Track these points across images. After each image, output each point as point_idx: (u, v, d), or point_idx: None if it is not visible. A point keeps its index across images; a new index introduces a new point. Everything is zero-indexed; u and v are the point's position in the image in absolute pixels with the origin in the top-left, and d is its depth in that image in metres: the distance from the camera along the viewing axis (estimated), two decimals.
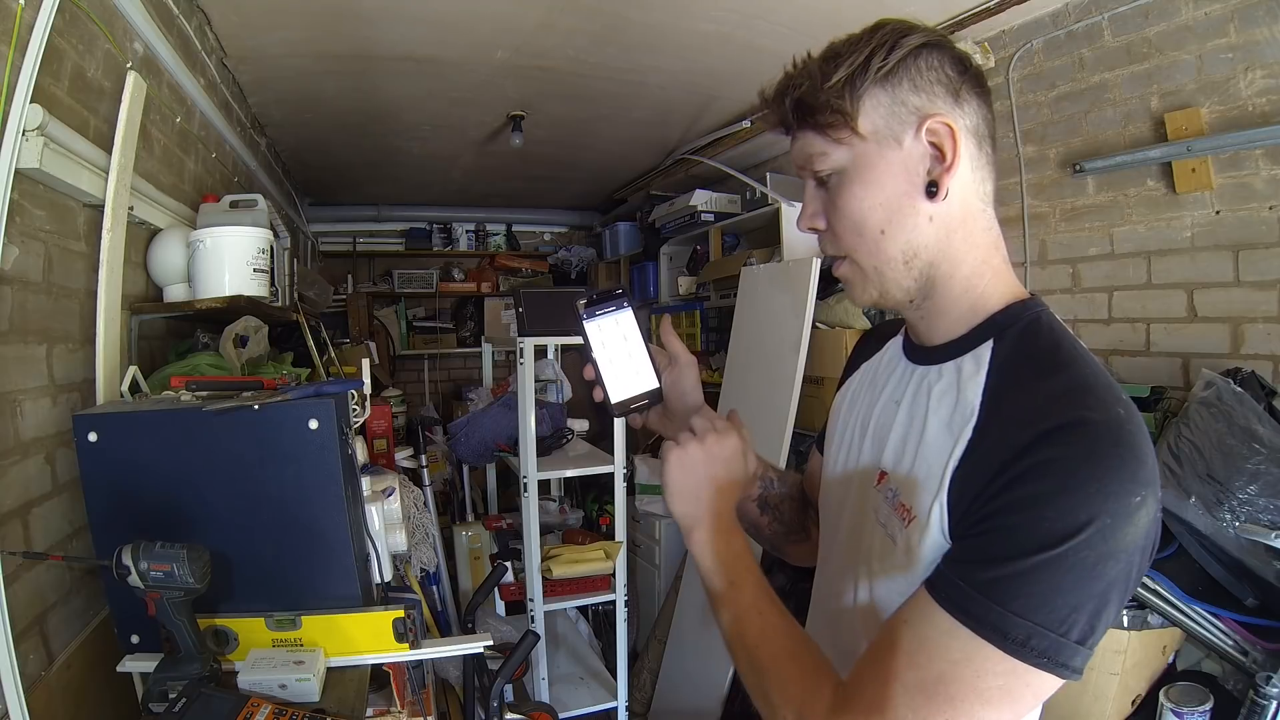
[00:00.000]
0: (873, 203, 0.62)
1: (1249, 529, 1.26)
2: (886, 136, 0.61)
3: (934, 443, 0.61)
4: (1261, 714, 1.20)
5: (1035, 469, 0.51)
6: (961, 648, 0.52)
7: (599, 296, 0.73)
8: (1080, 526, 0.49)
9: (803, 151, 0.66)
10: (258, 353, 1.49)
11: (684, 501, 0.69)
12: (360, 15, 2.01)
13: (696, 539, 0.69)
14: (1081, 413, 0.52)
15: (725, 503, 0.69)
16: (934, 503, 0.59)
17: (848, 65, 0.61)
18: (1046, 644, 0.50)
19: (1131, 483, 0.50)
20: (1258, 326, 1.60)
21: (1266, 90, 1.56)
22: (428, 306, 4.94)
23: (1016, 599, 0.50)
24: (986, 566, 0.52)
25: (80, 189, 1.11)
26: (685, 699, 2.56)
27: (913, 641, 0.54)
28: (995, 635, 0.51)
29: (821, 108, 0.62)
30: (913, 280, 0.64)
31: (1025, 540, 0.50)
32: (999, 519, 0.53)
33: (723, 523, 0.69)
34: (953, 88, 0.62)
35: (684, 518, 0.70)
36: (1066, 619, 0.50)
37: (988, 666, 0.51)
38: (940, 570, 0.56)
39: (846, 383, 0.83)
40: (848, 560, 0.72)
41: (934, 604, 0.54)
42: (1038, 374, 0.58)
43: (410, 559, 1.79)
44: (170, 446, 0.96)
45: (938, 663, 0.53)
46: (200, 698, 0.83)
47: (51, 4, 0.99)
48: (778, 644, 0.62)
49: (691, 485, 0.69)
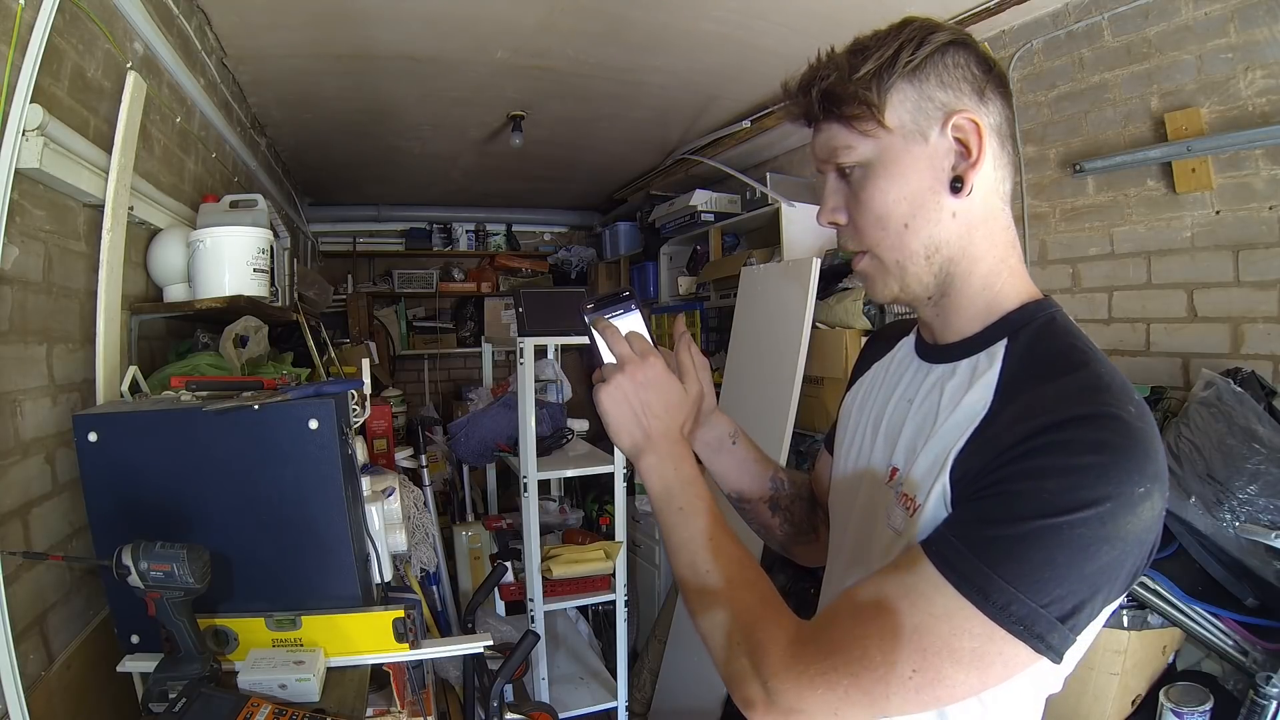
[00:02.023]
0: (897, 196, 0.62)
1: (1249, 529, 1.26)
2: (912, 131, 0.62)
3: (943, 435, 0.61)
4: (1261, 714, 1.20)
5: (1045, 446, 0.52)
6: (944, 603, 0.52)
7: (606, 298, 0.72)
8: (1082, 504, 0.49)
9: (827, 144, 0.66)
10: (258, 353, 1.49)
11: (625, 433, 0.69)
12: (360, 15, 2.01)
13: (643, 465, 0.69)
14: (1095, 407, 0.53)
15: (667, 425, 0.69)
16: (935, 484, 0.59)
17: (876, 58, 0.61)
18: (1025, 612, 0.50)
19: (1138, 474, 0.51)
20: (1258, 326, 1.60)
21: (1266, 90, 1.56)
22: (428, 306, 4.94)
23: (1006, 563, 0.50)
24: (982, 526, 0.52)
25: (80, 189, 1.11)
26: (685, 699, 2.56)
27: (897, 588, 0.54)
28: (978, 595, 0.50)
29: (849, 99, 0.62)
30: (932, 276, 0.65)
31: (1024, 506, 0.51)
32: (1003, 485, 0.53)
33: (669, 446, 0.68)
34: (978, 86, 0.62)
35: (630, 449, 0.70)
36: (1051, 593, 0.50)
37: (965, 626, 0.51)
38: (937, 529, 0.56)
39: (857, 383, 0.83)
40: (857, 560, 0.72)
41: (924, 557, 0.54)
42: (1052, 372, 0.58)
43: (410, 559, 1.79)
44: (170, 446, 0.96)
45: (918, 613, 0.52)
46: (200, 698, 0.83)
47: (51, 4, 0.99)
48: (731, 572, 0.62)
49: (627, 415, 0.69)
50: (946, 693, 0.52)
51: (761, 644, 0.57)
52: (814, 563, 0.90)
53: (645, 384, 0.69)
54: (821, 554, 0.85)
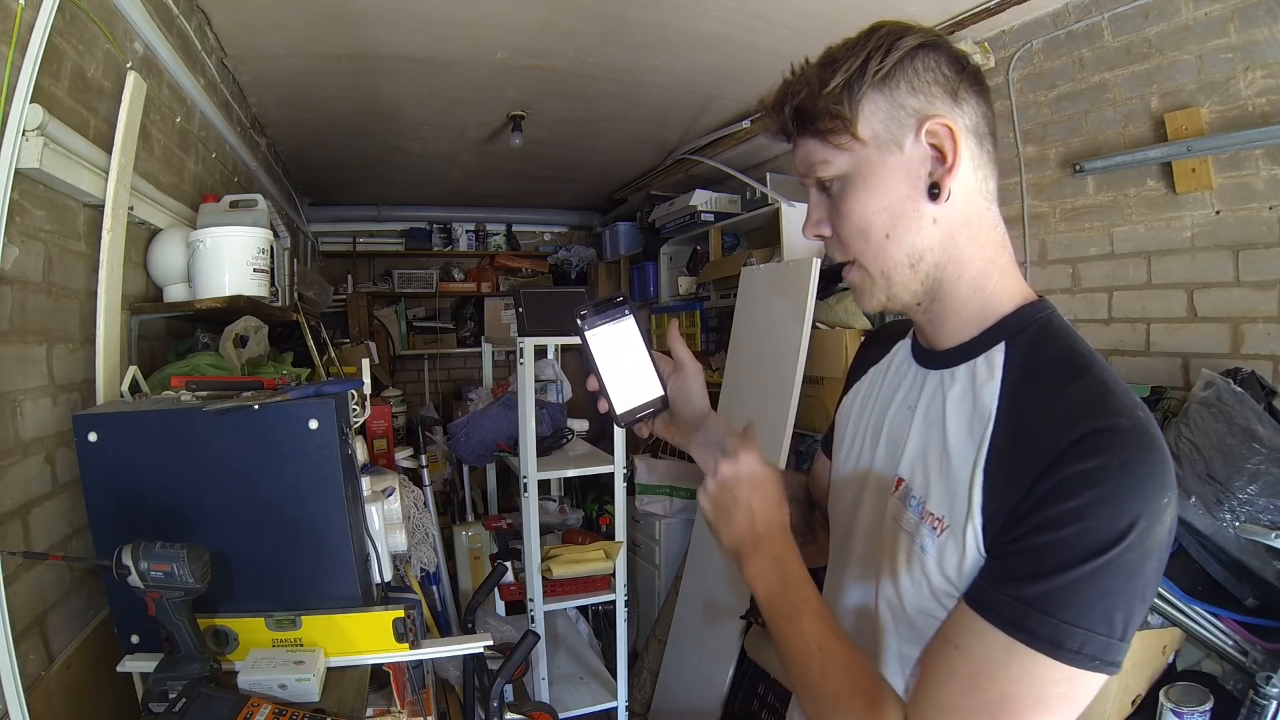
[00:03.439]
0: (876, 207, 0.62)
1: (1249, 529, 1.26)
2: (887, 141, 0.61)
3: (957, 450, 0.61)
4: (1261, 714, 1.20)
5: (1073, 479, 0.52)
6: (1020, 664, 0.52)
7: (599, 305, 0.72)
8: (1123, 533, 0.50)
9: (805, 159, 0.66)
10: (258, 353, 1.49)
11: (729, 534, 0.68)
12: (360, 15, 2.01)
13: (748, 571, 0.67)
14: (1111, 420, 0.53)
15: (769, 527, 0.68)
16: (967, 515, 0.58)
17: (844, 70, 0.61)
18: (1099, 647, 0.51)
19: (1161, 485, 0.52)
20: (1258, 326, 1.60)
21: (1266, 90, 1.56)
22: (428, 306, 4.94)
23: (1069, 609, 0.51)
24: (1036, 581, 0.52)
25: (80, 189, 1.11)
26: (685, 699, 2.56)
27: (969, 666, 0.55)
28: (1052, 647, 0.51)
29: (820, 114, 0.62)
30: (919, 283, 0.64)
31: (1072, 553, 0.51)
32: (1043, 535, 0.53)
33: (772, 548, 0.67)
34: (950, 87, 0.61)
35: (732, 549, 0.69)
36: (1114, 620, 0.51)
37: (1048, 677, 0.52)
38: (983, 588, 0.56)
39: (854, 387, 0.83)
40: (866, 565, 0.71)
41: (984, 623, 0.54)
42: (1057, 380, 0.58)
43: (410, 559, 1.79)
44: (170, 447, 0.96)
45: (999, 682, 0.53)
46: (200, 698, 0.83)
47: (51, 4, 0.99)
48: (840, 680, 0.61)
49: (737, 518, 0.68)
50: None
51: None
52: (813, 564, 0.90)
53: (756, 484, 0.68)
54: (821, 556, 0.85)
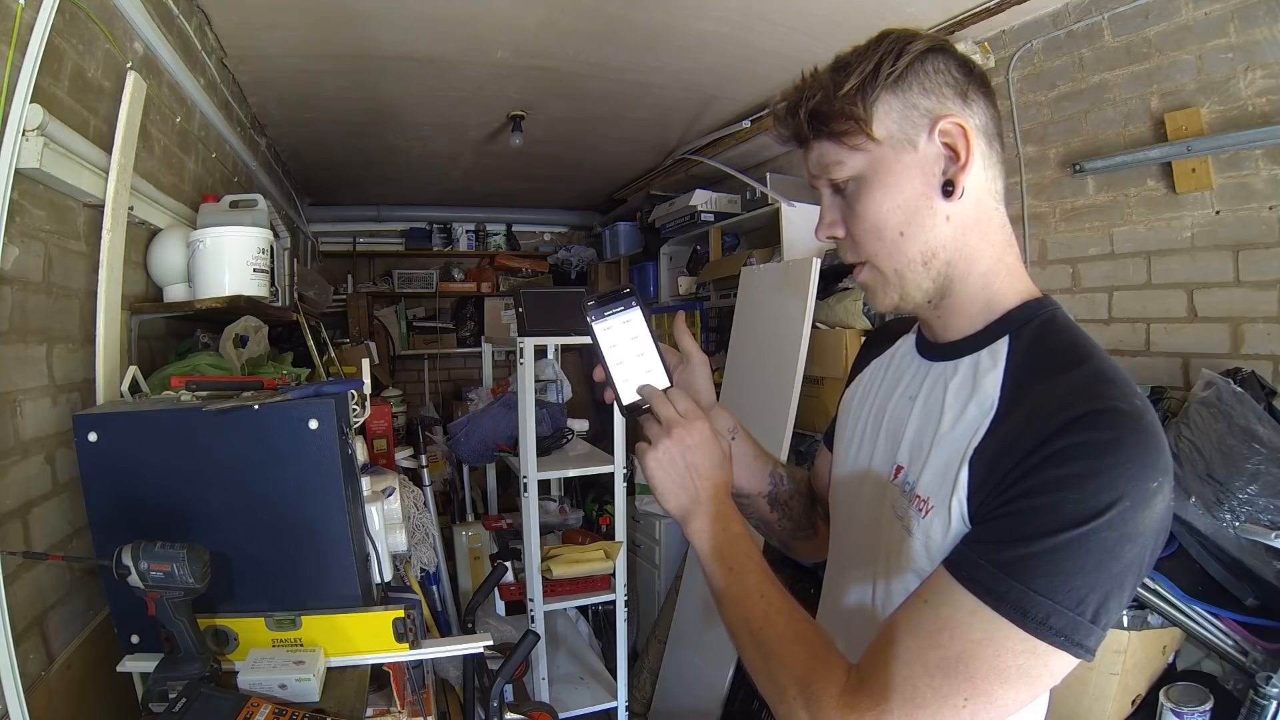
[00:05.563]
0: (891, 205, 0.63)
1: (1249, 529, 1.26)
2: (901, 140, 0.63)
3: (951, 435, 0.62)
4: (1261, 714, 1.20)
5: (1062, 452, 0.52)
6: (984, 627, 0.53)
7: (607, 296, 0.73)
8: (1104, 508, 0.50)
9: (819, 162, 0.67)
10: (258, 353, 1.49)
11: (673, 496, 0.70)
12: (360, 15, 2.01)
13: (692, 529, 0.69)
14: (1107, 402, 0.54)
15: (714, 487, 0.70)
16: (953, 491, 0.59)
17: (858, 74, 0.62)
18: (1065, 622, 0.51)
19: (1151, 468, 0.52)
20: (1258, 326, 1.60)
21: (1266, 90, 1.56)
22: (428, 306, 4.94)
23: (1039, 577, 0.51)
24: (1011, 545, 0.53)
25: (80, 189, 1.11)
26: (685, 699, 2.56)
27: (934, 621, 0.55)
28: (1017, 614, 0.51)
29: (836, 116, 0.63)
30: (931, 281, 0.66)
31: (1050, 520, 0.51)
32: (1025, 500, 0.53)
33: (716, 508, 0.69)
34: (960, 89, 0.63)
35: (678, 511, 0.70)
36: (1085, 598, 0.51)
37: (1008, 645, 0.52)
38: (961, 550, 0.57)
39: (856, 379, 0.84)
40: (864, 557, 0.72)
41: (955, 583, 0.55)
42: (1058, 367, 0.59)
43: (410, 559, 1.78)
44: (170, 446, 0.96)
45: (959, 641, 0.53)
46: (200, 698, 0.83)
47: (51, 4, 0.99)
48: (782, 625, 0.62)
49: (675, 478, 0.70)
50: (1000, 712, 0.53)
51: (816, 696, 0.57)
52: (814, 558, 0.91)
53: (693, 447, 0.69)
54: (821, 550, 0.86)
